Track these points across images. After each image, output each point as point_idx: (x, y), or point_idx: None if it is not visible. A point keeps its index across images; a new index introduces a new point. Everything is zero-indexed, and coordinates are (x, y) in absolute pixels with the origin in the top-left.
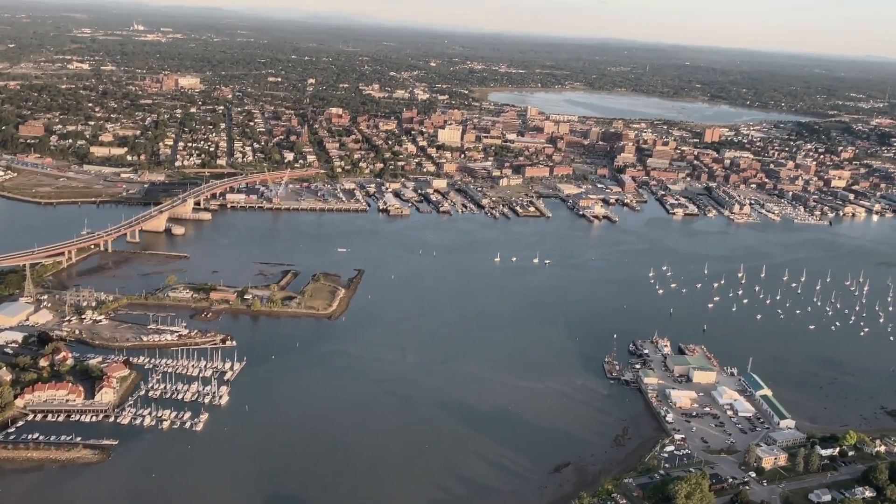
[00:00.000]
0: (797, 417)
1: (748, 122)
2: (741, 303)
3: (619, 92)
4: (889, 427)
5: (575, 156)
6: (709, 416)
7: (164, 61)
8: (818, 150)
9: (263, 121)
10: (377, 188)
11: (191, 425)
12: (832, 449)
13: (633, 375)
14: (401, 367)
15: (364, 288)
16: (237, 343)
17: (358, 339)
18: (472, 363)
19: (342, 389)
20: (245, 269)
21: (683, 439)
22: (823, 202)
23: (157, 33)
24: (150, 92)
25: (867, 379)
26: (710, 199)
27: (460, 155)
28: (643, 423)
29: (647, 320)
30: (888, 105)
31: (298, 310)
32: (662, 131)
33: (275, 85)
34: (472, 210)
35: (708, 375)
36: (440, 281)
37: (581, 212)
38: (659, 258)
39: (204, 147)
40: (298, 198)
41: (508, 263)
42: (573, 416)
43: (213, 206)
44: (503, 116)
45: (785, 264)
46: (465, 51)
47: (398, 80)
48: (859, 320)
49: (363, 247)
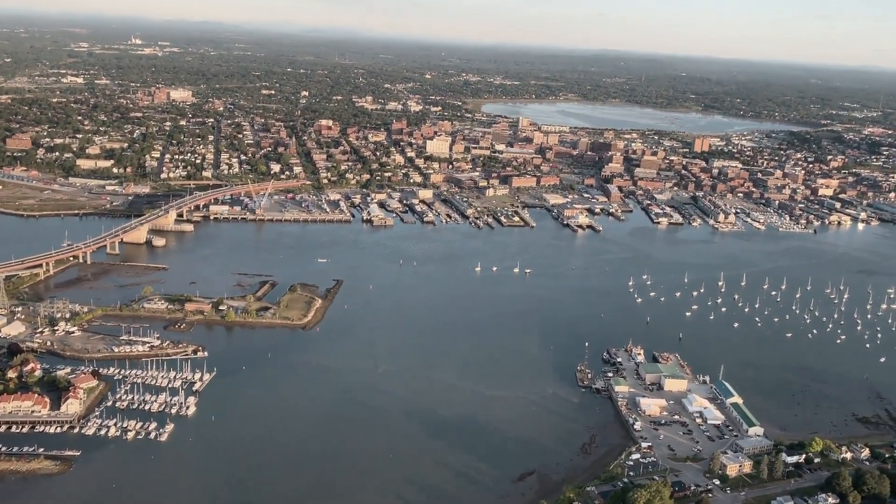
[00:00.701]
0: (767, 425)
1: (740, 132)
2: (719, 311)
3: (612, 103)
4: (859, 434)
5: (563, 166)
6: (677, 423)
7: (159, 75)
8: (807, 160)
9: (252, 133)
10: (362, 199)
11: (156, 436)
12: (798, 456)
13: (605, 384)
14: (371, 377)
15: (341, 298)
16: (209, 354)
17: (331, 350)
18: (443, 372)
19: (310, 399)
20: (223, 280)
21: (650, 447)
22: (809, 211)
23: (154, 47)
24: (140, 105)
25: (840, 386)
26: (696, 209)
27: (448, 166)
28: (611, 431)
29: (624, 329)
30: (881, 114)
31: (273, 320)
32: (653, 141)
33: (268, 97)
34: (456, 220)
35: (679, 383)
36: (418, 291)
37: (565, 221)
38: (640, 267)
39: (190, 159)
40: (282, 209)
41: (489, 273)
42: (541, 425)
43: (195, 218)
44: (494, 127)
45: (766, 272)
46: (461, 63)
47: (392, 93)
48: (836, 328)
49: (344, 257)
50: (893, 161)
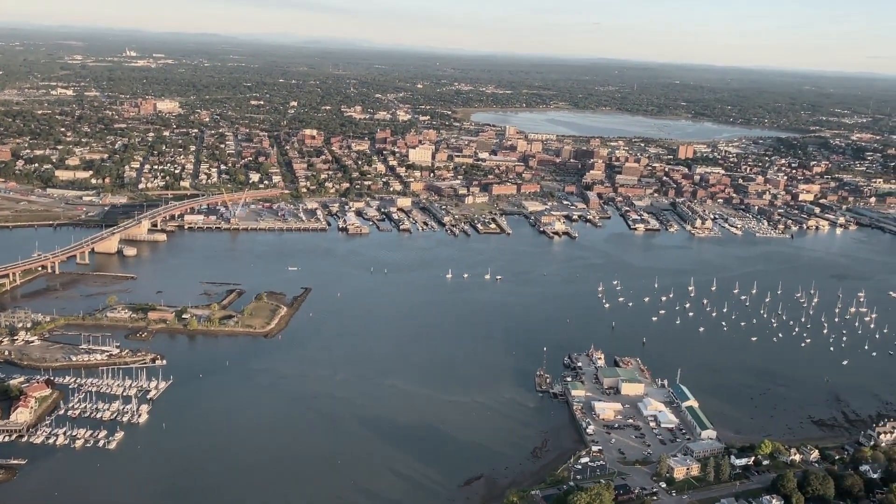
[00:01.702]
0: (722, 428)
1: (727, 139)
2: (686, 316)
3: (603, 111)
4: (813, 436)
5: (546, 174)
6: (631, 427)
7: (150, 86)
8: (791, 165)
9: (235, 143)
10: (340, 207)
11: (104, 444)
12: (747, 458)
13: (563, 388)
14: (329, 384)
15: (307, 306)
16: (168, 362)
17: (290, 357)
18: (402, 379)
19: (265, 407)
20: (190, 289)
21: (600, 451)
22: (788, 216)
23: (148, 59)
24: (126, 116)
25: (800, 389)
26: (675, 215)
27: (430, 174)
28: (564, 435)
29: (589, 334)
30: (871, 120)
31: (236, 328)
32: (639, 148)
33: (257, 108)
34: (432, 228)
35: (636, 387)
36: (386, 298)
37: (542, 228)
38: (611, 273)
39: (169, 169)
40: (257, 218)
41: (460, 280)
42: (494, 430)
43: (170, 228)
44: (481, 136)
45: (737, 277)
46: (455, 72)
47: (382, 102)
48: (803, 331)
49: (315, 265)
50: (877, 166)
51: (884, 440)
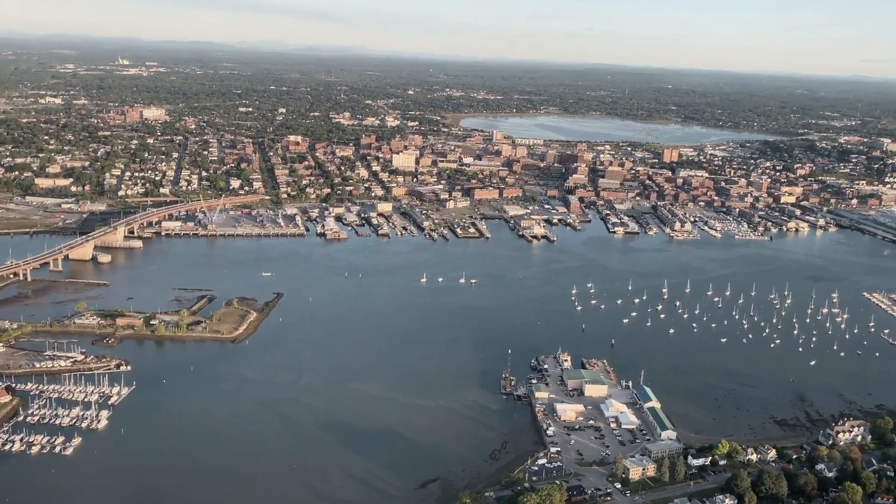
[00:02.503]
0: (683, 428)
1: (714, 142)
2: (658, 318)
3: (593, 116)
4: (774, 435)
5: (530, 178)
6: (591, 428)
7: (140, 94)
8: (775, 168)
9: (219, 149)
10: (320, 213)
11: (61, 450)
12: (704, 458)
13: (527, 390)
14: (293, 389)
15: (278, 311)
16: (133, 368)
17: (256, 362)
18: (367, 383)
19: (226, 412)
20: (162, 295)
21: (558, 452)
22: (769, 218)
23: (140, 67)
24: (111, 124)
25: (765, 389)
26: (655, 218)
27: (413, 179)
28: (525, 437)
29: (559, 336)
30: (860, 123)
31: (203, 334)
32: (626, 153)
33: (245, 115)
34: (411, 232)
35: (599, 389)
36: (358, 303)
37: (521, 232)
38: (586, 276)
39: (150, 176)
40: (235, 224)
41: (434, 284)
42: (455, 433)
43: (147, 234)
44: (468, 141)
45: (711, 279)
46: (448, 78)
47: (372, 108)
48: (773, 332)
49: (290, 271)
50: (861, 168)
51: (842, 439)
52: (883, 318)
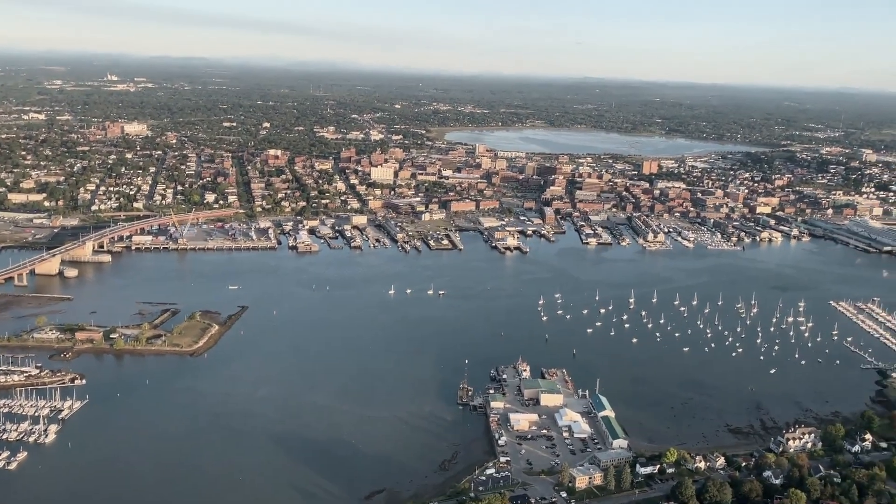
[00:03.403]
0: (637, 437)
1: (696, 154)
2: (622, 327)
3: (578, 128)
4: (727, 443)
5: (508, 190)
6: (543, 437)
7: (125, 109)
8: (754, 179)
9: (197, 164)
10: (294, 226)
11: (5, 465)
12: (653, 467)
13: (483, 401)
14: (247, 402)
15: (241, 324)
16: (87, 382)
17: (213, 375)
18: (323, 395)
19: (177, 425)
20: (126, 309)
21: (508, 462)
22: (743, 228)
23: (128, 83)
24: (92, 139)
25: (722, 398)
26: (630, 229)
27: (390, 192)
28: (477, 447)
29: (521, 347)
30: (843, 134)
31: (162, 348)
32: (606, 165)
33: (229, 129)
34: (384, 245)
35: (555, 398)
36: (323, 315)
37: (494, 244)
38: (555, 286)
39: (124, 191)
40: (207, 238)
41: (402, 296)
42: (406, 444)
43: (117, 249)
44: (451, 154)
45: (678, 289)
46: (437, 93)
47: (358, 122)
48: (736, 341)
49: (258, 284)
50: (838, 179)
51: (792, 446)
52: (847, 326)
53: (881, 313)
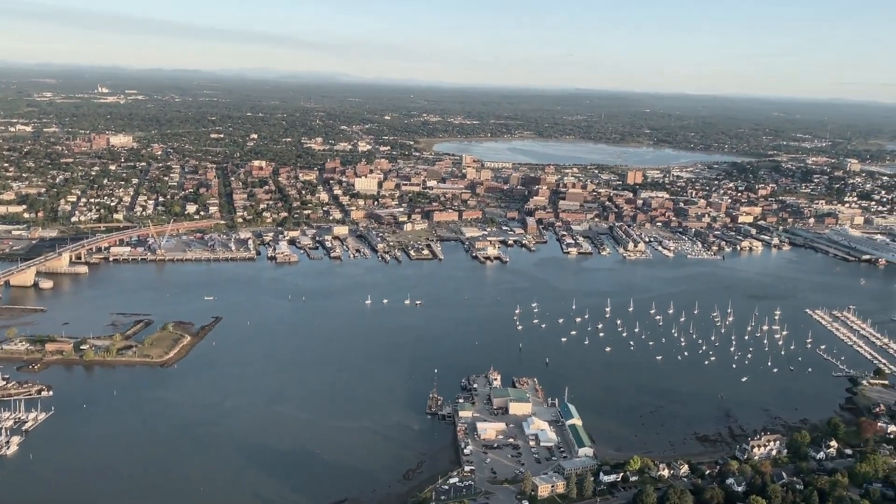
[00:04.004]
0: (604, 445)
1: (683, 164)
2: (596, 336)
3: (567, 139)
4: (694, 451)
5: (492, 200)
6: (509, 446)
7: (113, 121)
8: (737, 188)
9: (181, 175)
10: (274, 237)
11: None
12: (616, 475)
13: (452, 410)
14: (215, 413)
15: (213, 335)
16: (55, 393)
17: (182, 386)
18: (292, 406)
19: (142, 436)
20: (99, 320)
21: (472, 471)
22: (724, 237)
23: (119, 95)
24: (76, 151)
25: (692, 406)
26: (611, 238)
27: (374, 202)
28: (443, 456)
29: (495, 356)
30: (829, 144)
31: (133, 358)
32: (592, 175)
33: (216, 141)
34: (364, 255)
35: (524, 407)
36: (297, 326)
37: (475, 253)
38: (532, 296)
39: (105, 202)
40: (185, 249)
41: (379, 306)
42: (371, 453)
43: (94, 260)
44: (437, 165)
45: (655, 298)
46: (429, 104)
47: (346, 134)
48: (710, 350)
49: (233, 295)
50: (822, 188)
51: (757, 453)
52: (822, 334)
53: (856, 321)
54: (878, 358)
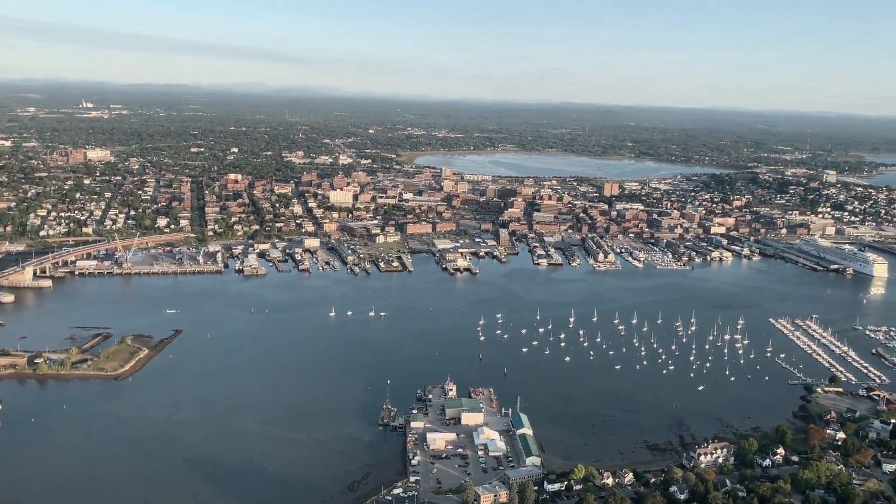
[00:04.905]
0: (554, 455)
1: (662, 177)
2: (558, 346)
3: (549, 152)
4: (644, 460)
5: (468, 213)
6: (458, 456)
7: (94, 136)
8: (713, 200)
9: (155, 189)
10: (244, 250)
11: None
12: (561, 484)
13: (404, 421)
14: (165, 426)
15: (172, 348)
16: (4, 407)
17: (135, 399)
18: (243, 418)
19: (90, 450)
20: (58, 333)
21: (417, 481)
22: (695, 248)
23: (103, 110)
24: (52, 166)
25: (645, 414)
26: (582, 249)
27: (348, 215)
28: (391, 467)
29: (454, 366)
30: (810, 156)
31: (87, 372)
32: (571, 187)
33: (195, 155)
34: (334, 267)
35: (475, 417)
36: (258, 338)
37: (444, 265)
38: (498, 307)
39: (75, 216)
40: (153, 262)
41: (343, 317)
42: (319, 465)
43: (59, 274)
44: (417, 178)
45: (620, 308)
46: (415, 118)
47: (329, 147)
48: (669, 359)
49: (197, 308)
50: (796, 199)
51: (703, 461)
52: (783, 342)
53: (817, 329)
54: (835, 366)
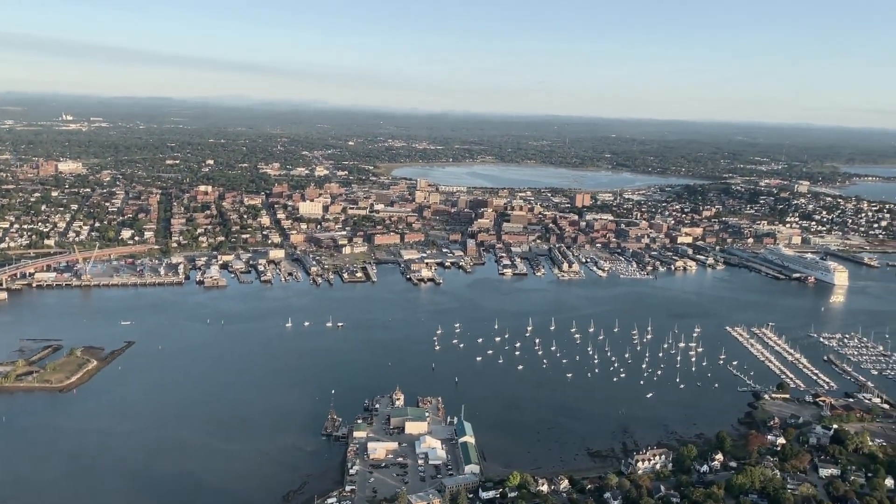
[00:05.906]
0: (495, 462)
1: (636, 188)
2: (512, 355)
3: (528, 164)
4: (585, 466)
5: (438, 223)
6: (397, 465)
7: (70, 148)
8: (683, 210)
9: (123, 201)
10: (207, 261)
11: None
12: (496, 491)
13: (348, 430)
14: (106, 438)
15: (122, 360)
16: None
17: (77, 412)
18: (187, 430)
19: (25, 463)
20: (6, 345)
21: (353, 491)
22: (661, 258)
23: (82, 123)
24: (22, 178)
25: (591, 422)
26: (549, 259)
27: (317, 226)
28: (328, 477)
29: (406, 376)
30: (786, 167)
31: (32, 384)
32: (545, 198)
33: (170, 167)
34: (296, 278)
35: (419, 426)
36: (210, 350)
37: (409, 276)
38: (457, 316)
39: (38, 228)
40: (114, 274)
41: (300, 328)
42: (257, 475)
43: (16, 286)
44: (393, 189)
45: (578, 317)
46: (398, 130)
47: (307, 159)
48: (621, 367)
49: (152, 319)
50: (765, 209)
51: (641, 468)
52: (736, 350)
53: (772, 337)
54: (786, 372)
